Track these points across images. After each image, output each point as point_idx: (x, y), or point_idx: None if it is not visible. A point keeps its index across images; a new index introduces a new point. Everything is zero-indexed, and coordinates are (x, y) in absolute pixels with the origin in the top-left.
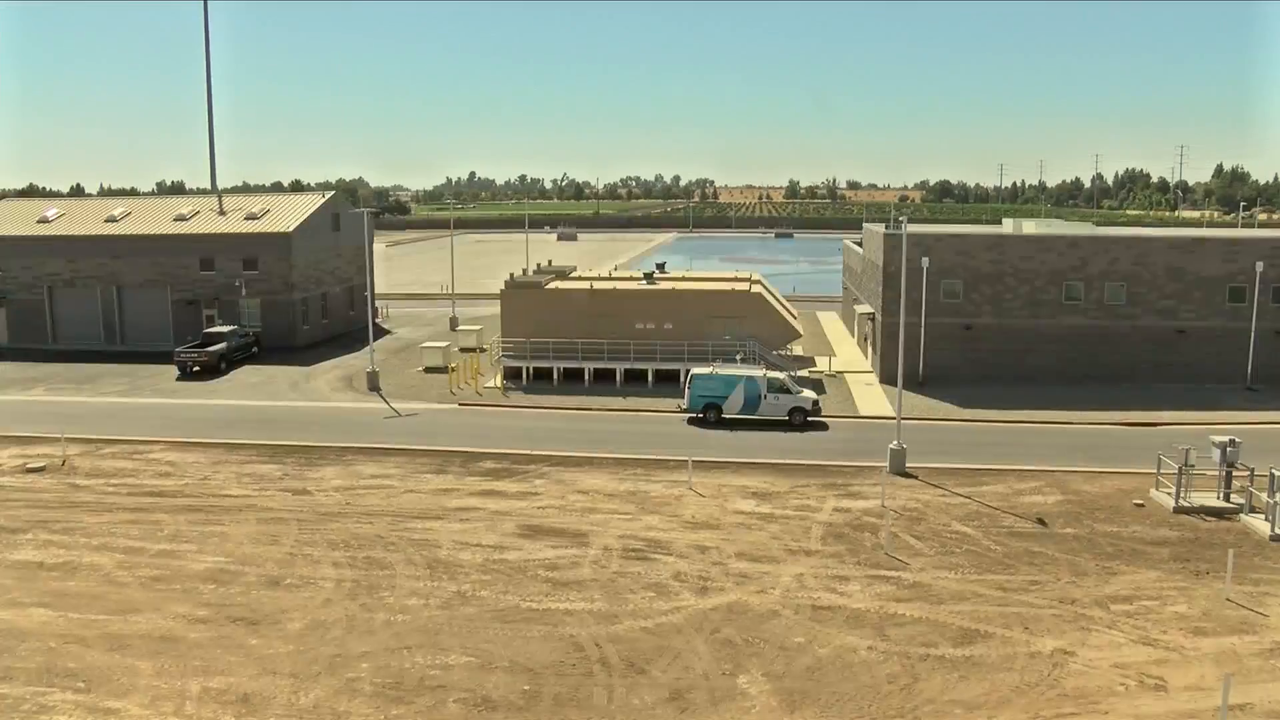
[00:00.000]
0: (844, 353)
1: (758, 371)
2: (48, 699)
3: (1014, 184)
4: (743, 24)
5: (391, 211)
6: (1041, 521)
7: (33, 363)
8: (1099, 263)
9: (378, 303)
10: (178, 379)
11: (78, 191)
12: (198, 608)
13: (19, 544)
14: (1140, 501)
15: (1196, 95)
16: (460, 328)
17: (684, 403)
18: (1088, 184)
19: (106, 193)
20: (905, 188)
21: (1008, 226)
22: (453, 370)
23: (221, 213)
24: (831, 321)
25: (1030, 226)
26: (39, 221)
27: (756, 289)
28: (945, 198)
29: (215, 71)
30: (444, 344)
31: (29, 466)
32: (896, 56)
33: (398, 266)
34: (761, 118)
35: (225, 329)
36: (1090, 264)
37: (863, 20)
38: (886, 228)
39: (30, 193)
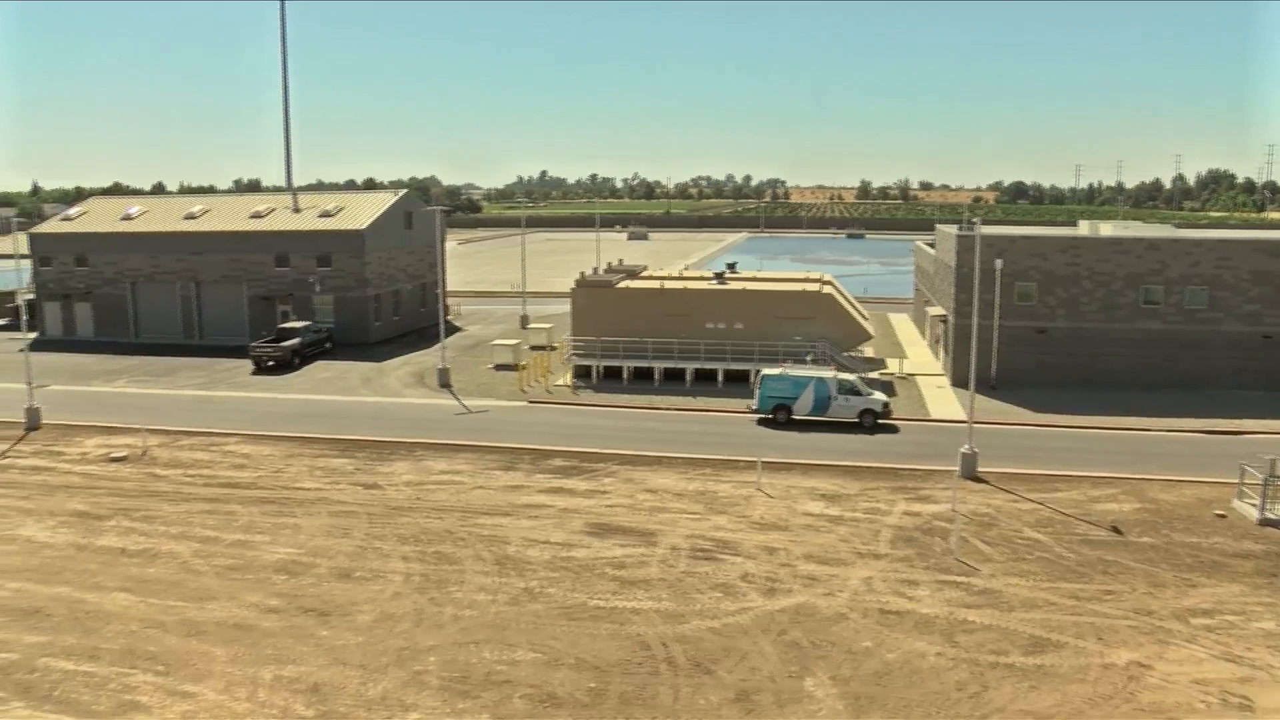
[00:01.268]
0: (915, 355)
1: (828, 373)
2: (130, 680)
3: (1090, 185)
4: (815, 23)
5: (463, 210)
6: (1117, 530)
7: (116, 355)
8: (1179, 266)
9: (449, 300)
10: (253, 373)
11: (159, 190)
12: (270, 597)
13: (103, 530)
14: (1222, 512)
15: None
16: (531, 326)
17: (754, 403)
18: (1168, 185)
19: (186, 191)
20: (979, 188)
21: (1084, 228)
22: (523, 368)
23: (296, 210)
24: (903, 323)
25: (1107, 228)
26: (122, 219)
27: (827, 290)
28: (1019, 199)
29: (292, 72)
30: (514, 342)
31: (112, 456)
32: (970, 56)
33: (469, 264)
34: (833, 117)
35: (299, 325)
36: (1170, 267)
37: (937, 19)
38: (959, 229)
39: (115, 191)
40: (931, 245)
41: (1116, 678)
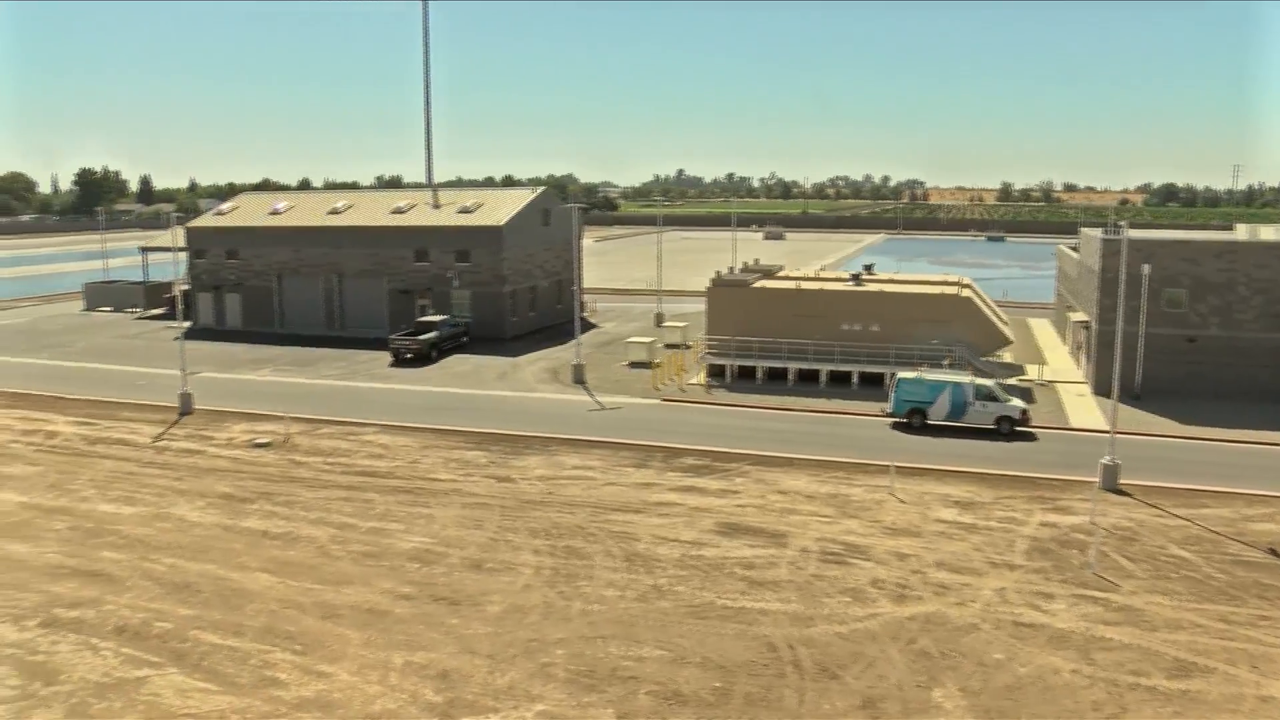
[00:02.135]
0: (1055, 361)
1: (965, 377)
2: (270, 656)
3: (1249, 187)
4: (956, 22)
5: (600, 207)
6: (1275, 552)
7: (262, 345)
8: None
9: (584, 297)
10: (391, 365)
11: (305, 186)
12: (403, 585)
13: (247, 513)
14: None
15: None
16: (665, 324)
17: (888, 406)
18: None
19: (330, 186)
20: (1126, 190)
21: (1241, 232)
22: (657, 366)
23: (436, 206)
24: (1043, 329)
25: (1268, 232)
26: (270, 214)
27: (966, 293)
28: (1170, 201)
29: (434, 72)
30: (649, 339)
31: (256, 442)
32: (1120, 52)
33: (605, 262)
34: (974, 118)
35: (437, 318)
36: None
37: (1083, 16)
38: (1104, 232)
39: (264, 187)
40: (1075, 249)
41: (1276, 711)
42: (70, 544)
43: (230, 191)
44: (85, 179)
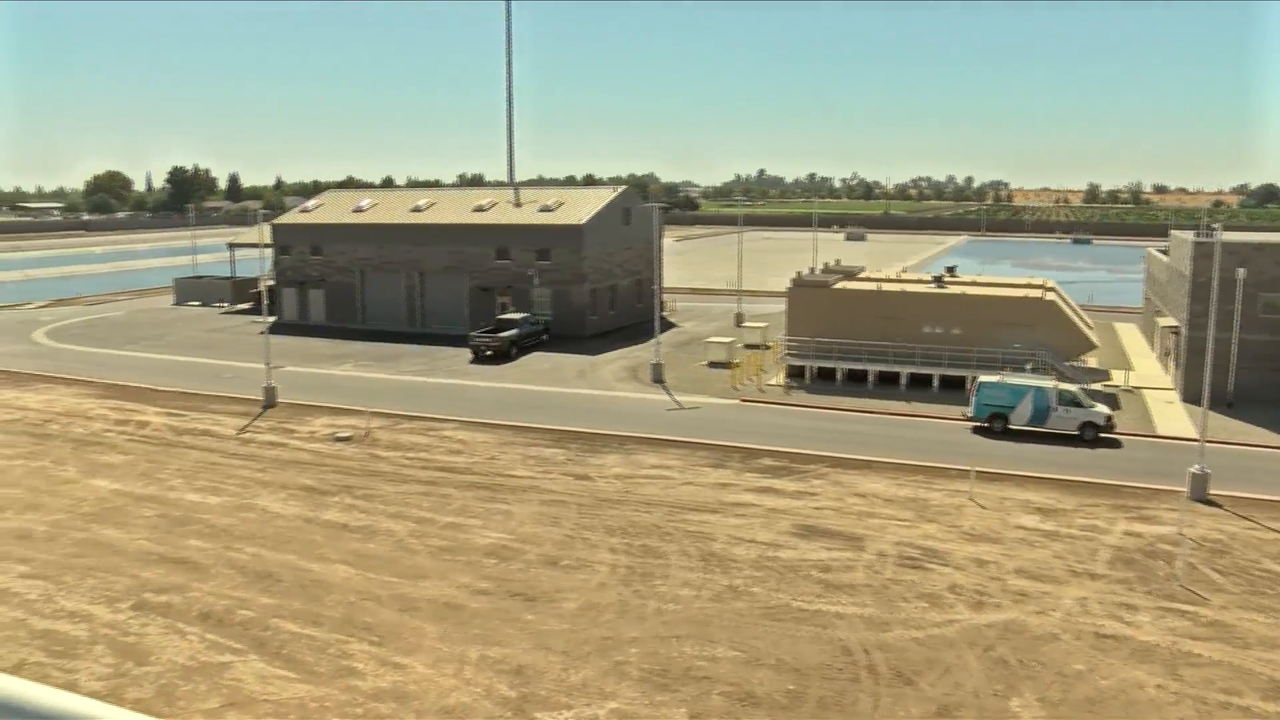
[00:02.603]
0: (1142, 367)
1: (1048, 382)
2: (348, 647)
3: None
4: (1043, 20)
5: (681, 207)
6: None
7: (344, 340)
8: None
9: (664, 296)
10: (471, 362)
11: (388, 184)
12: (480, 580)
13: (328, 505)
14: None
15: None
16: (745, 324)
17: (969, 410)
18: None
19: (413, 184)
20: (1220, 192)
21: None
22: (736, 366)
23: (517, 205)
24: (1130, 334)
25: None
26: (354, 211)
27: (1050, 296)
28: (1269, 202)
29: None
30: (728, 339)
31: (337, 436)
32: (1212, 50)
33: (684, 261)
34: (1061, 117)
35: (517, 316)
36: None
37: (1171, 14)
38: (1196, 235)
39: (347, 184)
40: (1164, 252)
41: None
42: (158, 531)
43: (315, 189)
44: (177, 177)
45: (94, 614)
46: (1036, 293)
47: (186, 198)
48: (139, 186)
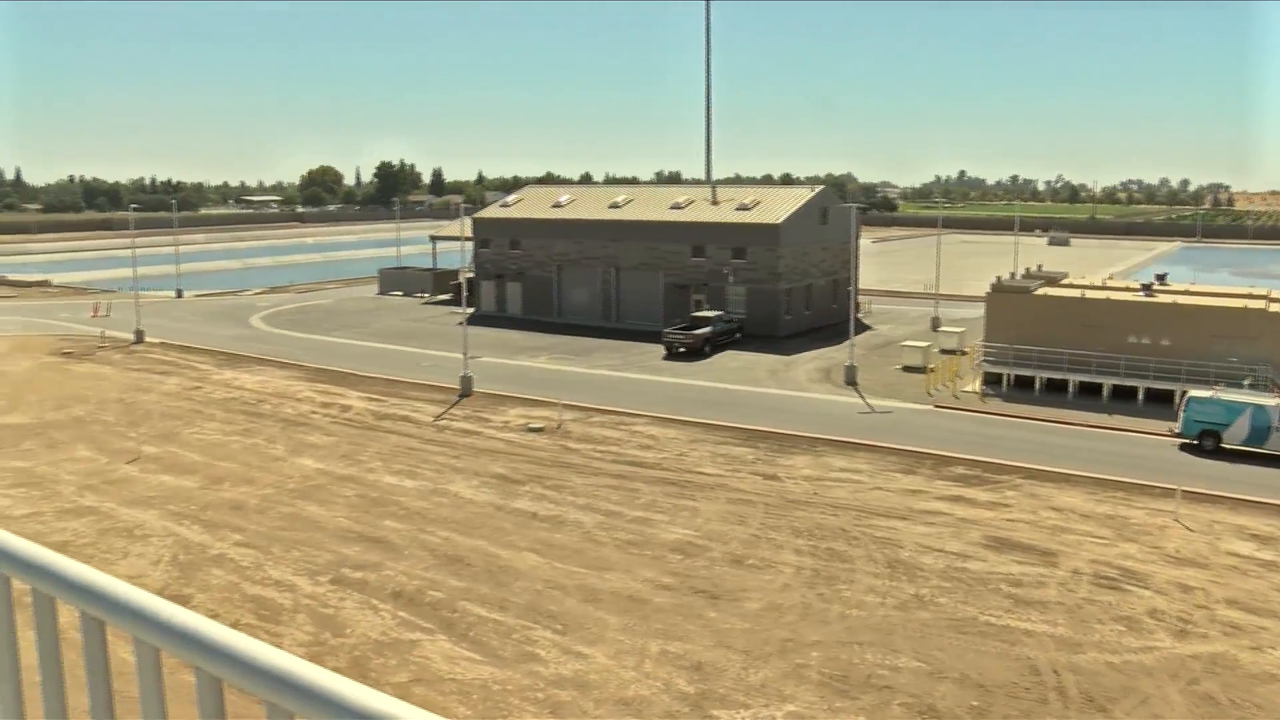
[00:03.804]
0: None
1: (1270, 400)
2: (532, 634)
3: None
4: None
5: (879, 208)
6: None
7: (540, 333)
8: None
9: (860, 298)
10: (664, 358)
11: (586, 180)
12: (664, 575)
13: (518, 494)
14: None
15: None
16: (942, 328)
17: (1177, 426)
18: None
19: (610, 181)
20: None
21: None
22: (931, 371)
23: (714, 203)
24: None
25: None
26: (553, 206)
27: (1275, 307)
28: None
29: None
30: (924, 344)
31: (530, 426)
32: None
33: (881, 263)
34: None
35: (711, 314)
36: None
37: None
38: None
39: (546, 180)
40: None
41: None
42: (357, 510)
43: (515, 184)
44: (384, 171)
45: (297, 584)
46: (1258, 304)
47: (393, 191)
48: (349, 180)
